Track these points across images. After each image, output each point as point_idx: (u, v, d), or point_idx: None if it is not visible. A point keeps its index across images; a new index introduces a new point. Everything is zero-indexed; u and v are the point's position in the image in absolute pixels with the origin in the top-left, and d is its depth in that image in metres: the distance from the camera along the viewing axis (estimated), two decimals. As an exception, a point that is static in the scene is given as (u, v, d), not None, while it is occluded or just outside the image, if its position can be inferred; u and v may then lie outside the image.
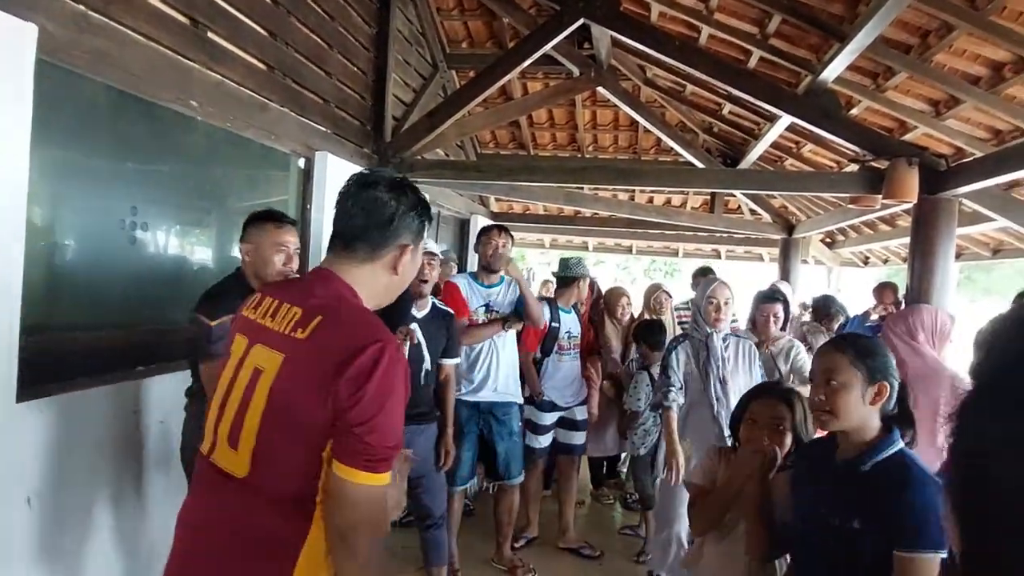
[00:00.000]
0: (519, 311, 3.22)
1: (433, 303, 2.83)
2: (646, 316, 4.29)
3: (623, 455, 4.59)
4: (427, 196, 1.37)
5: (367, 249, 1.25)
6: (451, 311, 2.96)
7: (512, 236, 3.31)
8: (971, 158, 3.49)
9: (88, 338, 2.26)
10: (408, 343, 2.48)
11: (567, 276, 3.66)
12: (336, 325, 1.15)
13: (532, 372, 3.49)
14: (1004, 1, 2.60)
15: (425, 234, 1.35)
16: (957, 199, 3.42)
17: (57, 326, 2.16)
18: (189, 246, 3.00)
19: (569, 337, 3.62)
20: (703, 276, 3.87)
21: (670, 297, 4.47)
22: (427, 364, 2.67)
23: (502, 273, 3.24)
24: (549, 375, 3.56)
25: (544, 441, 3.57)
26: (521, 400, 3.29)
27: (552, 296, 3.74)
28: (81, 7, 2.01)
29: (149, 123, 2.46)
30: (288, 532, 1.14)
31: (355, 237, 1.25)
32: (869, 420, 1.46)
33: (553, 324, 3.56)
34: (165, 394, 2.37)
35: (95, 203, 2.31)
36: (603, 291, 4.54)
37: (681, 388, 2.81)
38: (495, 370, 3.17)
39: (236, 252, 3.12)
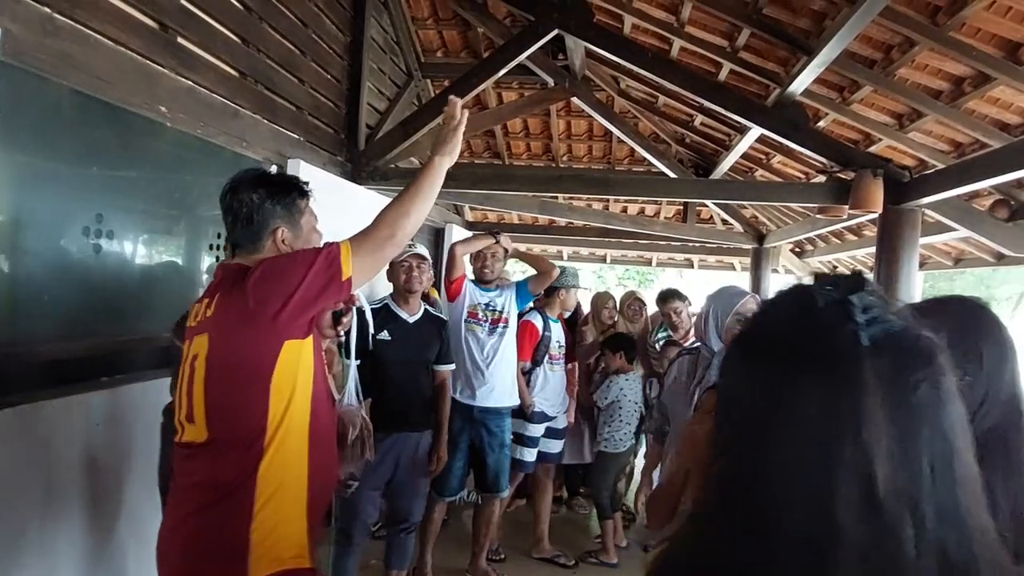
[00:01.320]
0: (523, 294, 3.26)
1: (425, 308, 2.82)
2: (621, 323, 4.31)
3: None
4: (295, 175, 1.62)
5: (249, 247, 1.49)
6: (444, 318, 2.95)
7: (506, 244, 3.29)
8: (933, 170, 3.59)
9: (50, 349, 2.19)
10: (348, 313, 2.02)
11: (550, 286, 3.67)
12: (229, 284, 1.41)
13: (523, 383, 3.49)
14: (963, 18, 2.69)
15: (304, 205, 1.55)
16: (920, 209, 3.52)
17: (16, 336, 2.09)
18: (158, 255, 2.93)
19: (559, 347, 3.63)
20: (671, 299, 3.81)
21: (644, 304, 4.50)
22: (372, 331, 2.49)
23: (496, 283, 3.25)
24: (540, 386, 3.57)
25: (532, 455, 3.56)
26: (515, 404, 3.28)
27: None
28: (46, 9, 1.96)
29: (116, 128, 2.40)
30: (241, 479, 1.32)
31: (236, 241, 1.50)
32: None
33: (545, 333, 3.57)
34: (131, 406, 2.31)
35: (58, 210, 2.24)
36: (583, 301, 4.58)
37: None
38: (500, 376, 3.15)
39: (208, 260, 3.08)
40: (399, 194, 1.49)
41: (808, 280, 0.66)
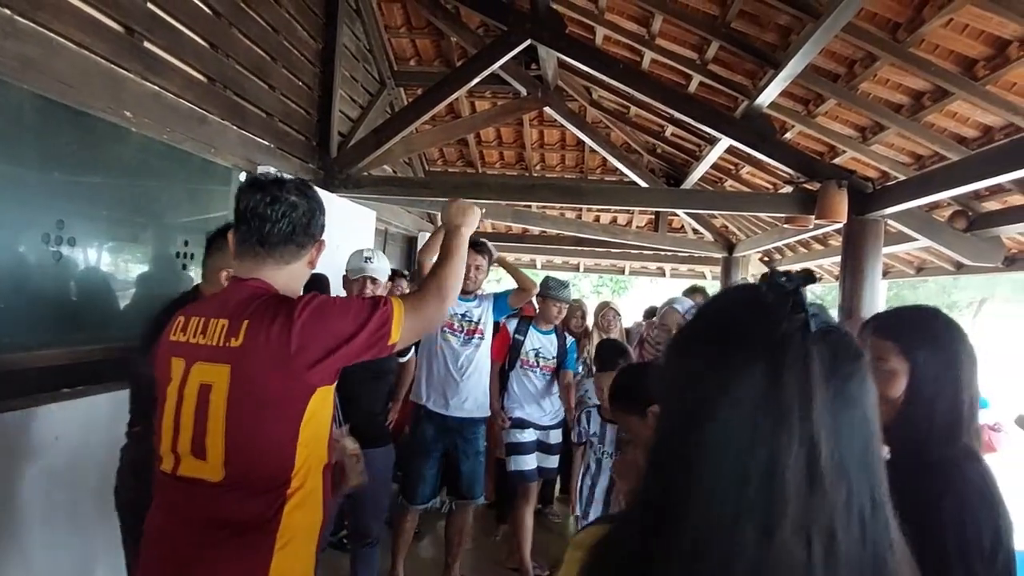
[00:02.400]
0: (501, 305, 3.24)
1: None
2: (596, 334, 4.33)
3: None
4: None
5: (293, 250, 1.36)
6: None
7: (490, 252, 3.24)
8: (895, 181, 3.69)
9: (7, 359, 2.12)
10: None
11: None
12: (262, 313, 1.26)
13: (495, 386, 3.48)
14: (922, 34, 2.78)
15: (323, 219, 1.46)
16: (883, 220, 3.61)
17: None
18: (124, 263, 2.86)
19: (537, 355, 3.61)
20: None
21: (618, 315, 4.53)
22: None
23: (475, 293, 3.23)
24: (511, 389, 3.57)
25: (531, 462, 3.51)
26: (488, 414, 3.26)
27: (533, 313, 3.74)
28: (6, 11, 1.91)
29: (79, 133, 2.35)
30: (262, 520, 1.24)
31: (280, 241, 1.33)
32: None
33: (517, 337, 3.57)
34: (92, 417, 2.24)
35: (17, 216, 2.18)
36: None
37: None
38: (474, 386, 3.13)
39: (175, 268, 3.01)
40: (436, 264, 1.50)
41: (751, 280, 0.69)
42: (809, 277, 0.64)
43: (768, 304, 0.62)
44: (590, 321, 4.60)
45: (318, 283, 3.05)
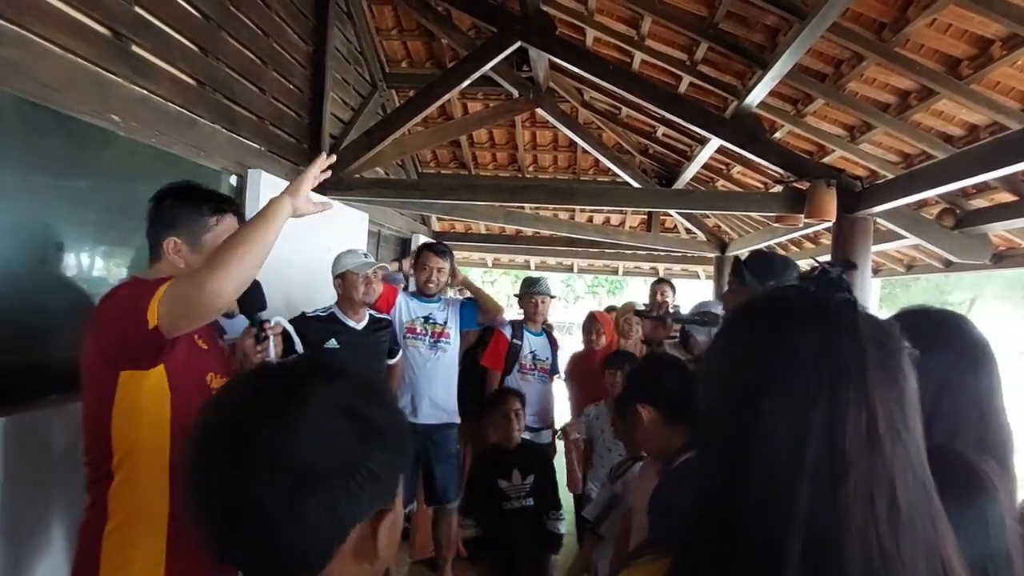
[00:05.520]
0: (468, 317, 3.22)
1: (370, 314, 2.79)
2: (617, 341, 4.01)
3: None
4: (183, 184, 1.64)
5: (151, 254, 1.58)
6: (388, 317, 2.92)
7: (451, 254, 3.27)
8: (883, 180, 3.71)
9: (-5, 364, 2.11)
10: (269, 337, 1.89)
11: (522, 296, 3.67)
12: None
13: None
14: (907, 34, 2.80)
15: (211, 222, 1.58)
16: (872, 218, 3.63)
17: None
18: (115, 267, 2.86)
19: (534, 358, 3.61)
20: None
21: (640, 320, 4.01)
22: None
23: (439, 295, 3.22)
24: None
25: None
26: (458, 420, 3.24)
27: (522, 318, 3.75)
28: (-10, 15, 1.91)
29: (65, 137, 2.34)
30: (97, 491, 1.38)
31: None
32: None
33: (515, 342, 3.57)
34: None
35: (1, 222, 2.17)
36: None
37: None
38: (442, 391, 3.12)
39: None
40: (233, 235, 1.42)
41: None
42: (850, 263, 0.70)
43: (816, 288, 0.66)
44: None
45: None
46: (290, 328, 1.94)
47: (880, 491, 0.57)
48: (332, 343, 2.59)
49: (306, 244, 3.69)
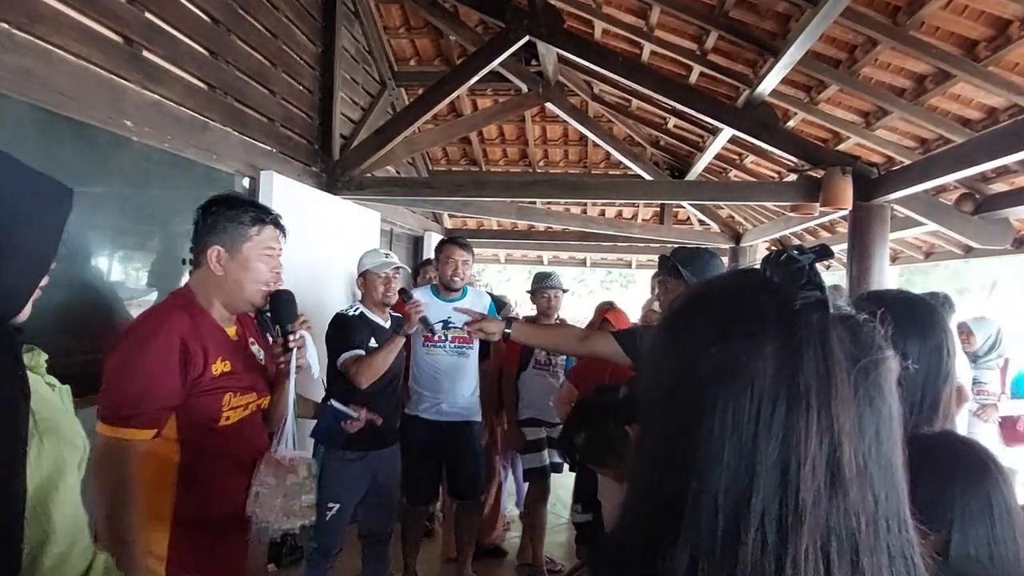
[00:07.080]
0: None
1: (392, 316, 2.80)
2: None
3: None
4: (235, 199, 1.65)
5: (194, 263, 1.61)
6: (399, 315, 2.93)
7: (472, 250, 3.24)
8: (900, 166, 3.66)
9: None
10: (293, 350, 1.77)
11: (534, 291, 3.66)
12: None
13: (510, 392, 3.50)
14: (922, 17, 2.75)
15: (252, 232, 1.57)
16: (889, 205, 3.58)
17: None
18: (134, 271, 2.89)
19: (549, 355, 3.60)
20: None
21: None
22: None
23: (465, 285, 3.20)
24: (524, 390, 3.54)
25: (544, 459, 3.49)
26: (479, 418, 3.23)
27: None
28: (4, 24, 1.93)
29: (80, 144, 2.37)
30: None
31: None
32: None
33: None
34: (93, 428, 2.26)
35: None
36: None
37: None
38: (463, 392, 3.11)
39: (182, 274, 3.04)
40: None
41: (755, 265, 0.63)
42: (824, 252, 0.56)
43: (780, 279, 0.54)
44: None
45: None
46: (312, 346, 1.96)
47: (841, 548, 0.47)
48: (373, 343, 2.61)
49: (318, 244, 3.71)
